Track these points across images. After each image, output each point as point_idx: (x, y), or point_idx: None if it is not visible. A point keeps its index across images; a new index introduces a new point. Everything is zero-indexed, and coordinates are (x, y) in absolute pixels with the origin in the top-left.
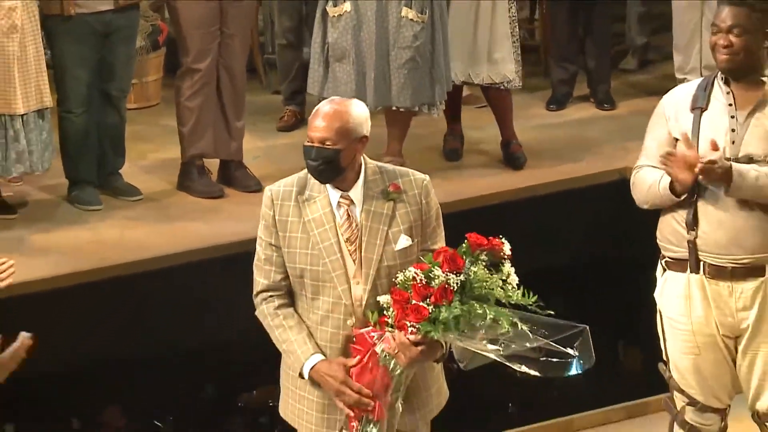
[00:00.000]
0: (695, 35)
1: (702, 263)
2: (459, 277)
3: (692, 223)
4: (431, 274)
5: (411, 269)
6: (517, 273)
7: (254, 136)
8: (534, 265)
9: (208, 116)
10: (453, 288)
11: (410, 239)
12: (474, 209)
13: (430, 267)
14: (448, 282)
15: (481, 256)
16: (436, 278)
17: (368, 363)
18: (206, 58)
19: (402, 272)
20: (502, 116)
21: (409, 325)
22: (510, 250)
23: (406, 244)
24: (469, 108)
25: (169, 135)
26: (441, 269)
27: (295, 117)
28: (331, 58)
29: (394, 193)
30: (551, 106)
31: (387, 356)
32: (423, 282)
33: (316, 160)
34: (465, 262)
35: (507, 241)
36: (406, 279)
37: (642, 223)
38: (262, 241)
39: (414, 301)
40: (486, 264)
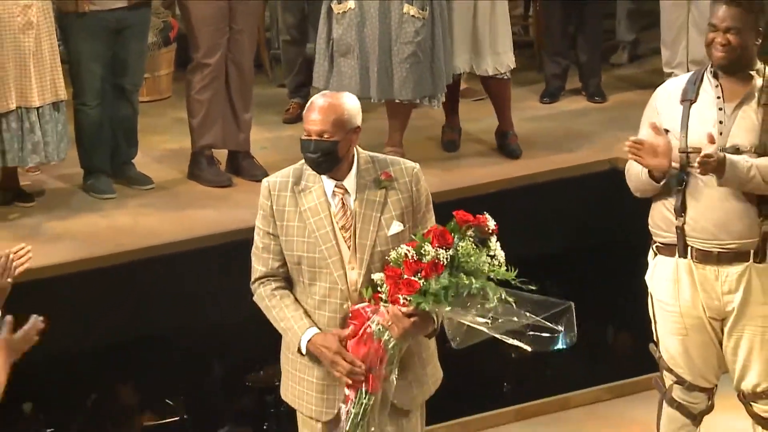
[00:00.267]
0: (682, 32)
1: (690, 248)
2: (448, 252)
3: (680, 210)
4: (422, 251)
5: (403, 246)
6: (513, 258)
7: (261, 128)
8: (529, 250)
9: (217, 109)
10: (443, 262)
11: (402, 225)
12: (470, 198)
13: (421, 243)
14: (438, 257)
15: (468, 232)
16: (427, 254)
17: (363, 335)
18: (215, 54)
19: (395, 250)
20: (501, 107)
21: (402, 297)
22: (495, 226)
23: (399, 230)
24: (466, 101)
25: (179, 126)
26: (431, 245)
27: (300, 109)
28: (335, 53)
29: (385, 181)
30: (545, 99)
31: (381, 329)
32: (414, 258)
33: (315, 153)
34: (454, 238)
35: (491, 217)
36: (399, 256)
37: (631, 210)
38: (261, 231)
39: (406, 276)
40: (474, 240)
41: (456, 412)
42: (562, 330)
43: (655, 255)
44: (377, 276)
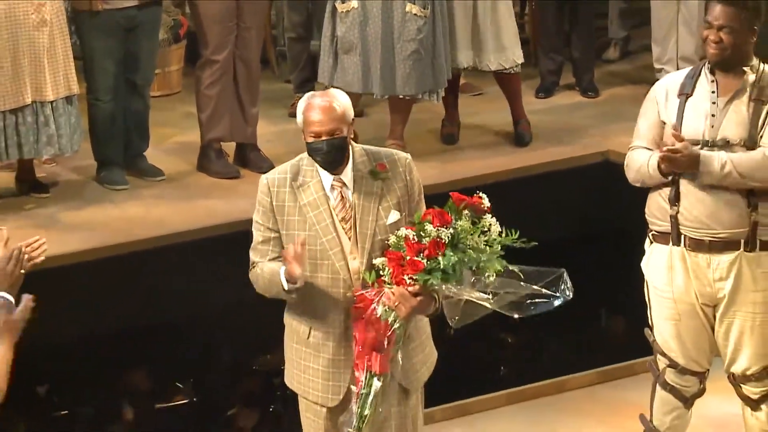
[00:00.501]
0: (672, 29)
1: (683, 237)
2: (448, 231)
3: (674, 200)
4: (422, 231)
5: (402, 229)
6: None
7: (267, 122)
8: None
9: (226, 103)
10: (444, 241)
11: (399, 213)
12: (469, 188)
13: (422, 224)
14: (440, 235)
15: (465, 211)
16: (428, 234)
17: (370, 318)
18: (224, 50)
19: (394, 234)
20: (512, 98)
21: (407, 278)
22: (489, 204)
23: (396, 218)
24: (465, 96)
25: (189, 120)
26: (432, 225)
27: None
28: (339, 50)
29: (381, 172)
30: (540, 94)
31: (387, 310)
32: (415, 239)
33: (329, 152)
34: (452, 217)
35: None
36: (399, 239)
37: (624, 200)
38: (261, 227)
39: (409, 257)
40: (470, 219)
41: (453, 396)
42: (558, 295)
43: (651, 243)
44: (379, 261)
